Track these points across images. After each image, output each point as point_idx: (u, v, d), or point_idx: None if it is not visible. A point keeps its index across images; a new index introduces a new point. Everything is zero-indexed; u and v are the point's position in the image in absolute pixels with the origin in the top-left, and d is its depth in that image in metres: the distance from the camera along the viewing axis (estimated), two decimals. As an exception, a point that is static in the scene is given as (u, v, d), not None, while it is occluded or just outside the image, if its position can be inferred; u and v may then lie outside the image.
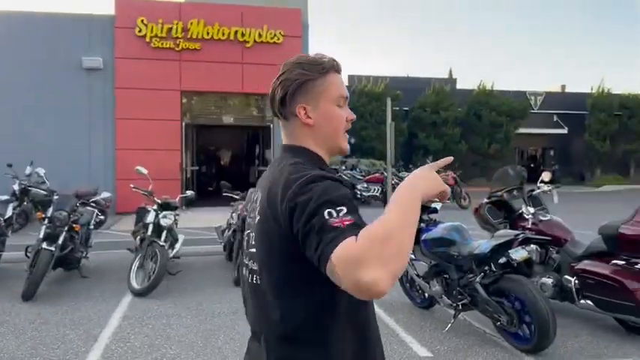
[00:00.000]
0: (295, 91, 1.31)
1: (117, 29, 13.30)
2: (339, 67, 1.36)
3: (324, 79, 1.32)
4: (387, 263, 0.94)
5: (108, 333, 4.59)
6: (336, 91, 1.33)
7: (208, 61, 13.68)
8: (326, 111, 1.32)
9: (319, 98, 1.31)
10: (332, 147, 1.35)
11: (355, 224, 1.03)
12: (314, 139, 1.33)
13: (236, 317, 5.05)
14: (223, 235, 7.51)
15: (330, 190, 1.09)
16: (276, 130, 14.52)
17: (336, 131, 1.34)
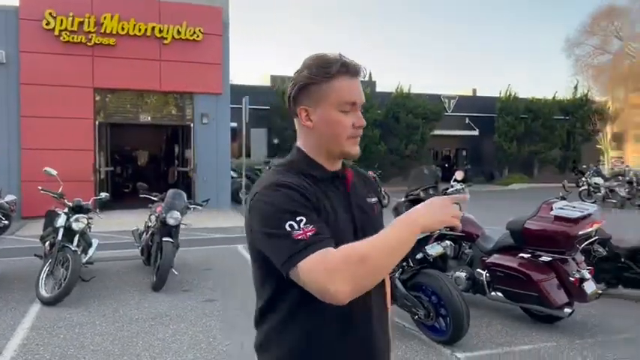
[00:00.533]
0: (298, 93, 1.34)
1: (22, 21, 12.42)
2: (352, 71, 1.33)
3: (329, 84, 1.31)
4: (356, 281, 1.12)
5: (14, 345, 4.28)
6: (340, 97, 1.32)
7: (124, 58, 13.12)
8: (326, 116, 1.33)
9: (320, 103, 1.33)
10: (333, 151, 1.37)
11: (317, 234, 1.17)
12: (312, 142, 1.38)
13: (155, 323, 4.89)
14: (141, 239, 7.24)
15: (285, 200, 1.22)
16: (197, 130, 14.19)
17: (337, 136, 1.34)
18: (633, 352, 4.23)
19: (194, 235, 9.33)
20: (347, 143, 1.35)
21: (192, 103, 14.33)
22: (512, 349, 4.27)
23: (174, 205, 6.47)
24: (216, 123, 14.21)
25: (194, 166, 14.30)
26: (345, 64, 1.31)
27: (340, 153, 1.38)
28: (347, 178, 1.43)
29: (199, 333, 4.63)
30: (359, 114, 1.36)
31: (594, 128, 28.24)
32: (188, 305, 5.48)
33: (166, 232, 6.24)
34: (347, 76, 1.31)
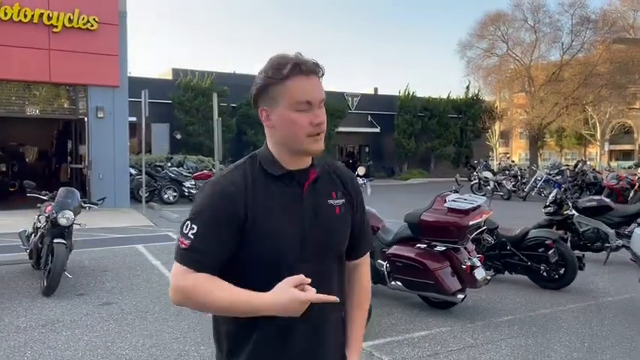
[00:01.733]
0: (258, 94, 1.39)
1: None
2: (306, 71, 1.34)
3: (283, 85, 1.34)
4: (183, 304, 1.36)
5: None
6: (294, 97, 1.34)
7: (7, 45, 12.05)
8: (283, 116, 1.36)
9: (277, 103, 1.36)
10: (295, 149, 1.40)
11: (187, 249, 1.33)
12: (274, 140, 1.43)
13: (47, 330, 4.56)
14: (29, 241, 6.70)
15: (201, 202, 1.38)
16: (91, 124, 13.39)
17: (295, 135, 1.37)
18: (516, 332, 4.62)
19: (90, 236, 8.82)
20: (306, 141, 1.37)
21: (85, 95, 13.50)
22: (412, 335, 4.49)
23: (66, 205, 6.06)
24: (113, 117, 13.49)
25: (89, 163, 13.48)
26: (297, 65, 1.33)
27: (301, 151, 1.40)
28: (308, 179, 1.42)
29: (96, 338, 4.39)
30: (316, 112, 1.37)
31: (484, 126, 30.38)
32: (83, 310, 5.17)
33: (58, 233, 5.84)
34: (301, 76, 1.34)
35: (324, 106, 1.40)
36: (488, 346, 4.26)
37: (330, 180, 1.48)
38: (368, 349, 4.14)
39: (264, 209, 1.36)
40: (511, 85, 29.61)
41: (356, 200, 1.52)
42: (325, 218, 1.43)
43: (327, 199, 1.45)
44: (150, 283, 6.19)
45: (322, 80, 1.39)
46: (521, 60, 28.62)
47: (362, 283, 1.58)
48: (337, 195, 1.47)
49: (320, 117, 1.38)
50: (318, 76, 1.38)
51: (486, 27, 29.22)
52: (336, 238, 1.47)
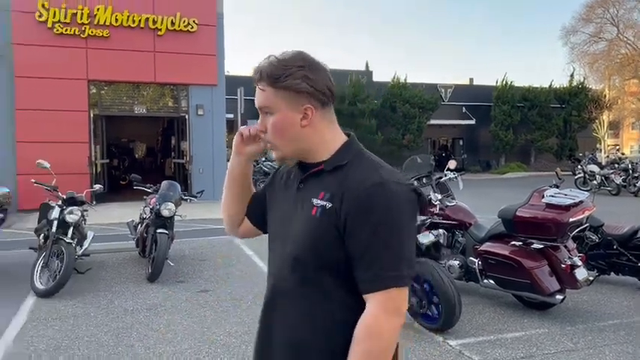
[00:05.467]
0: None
1: (14, 13, 12.35)
2: (256, 78, 1.34)
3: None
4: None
5: (9, 337, 4.30)
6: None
7: (118, 49, 13.06)
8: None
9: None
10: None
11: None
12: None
13: (150, 314, 4.91)
14: (136, 231, 7.25)
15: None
16: (192, 121, 14.17)
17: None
18: (622, 338, 4.27)
19: (190, 227, 9.35)
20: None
21: (187, 94, 14.30)
22: (504, 335, 4.31)
23: (168, 197, 6.47)
24: (211, 114, 14.19)
25: (190, 158, 14.28)
26: (255, 72, 1.35)
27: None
28: (307, 174, 1.36)
29: (194, 323, 4.66)
30: (261, 119, 1.38)
31: (590, 116, 28.25)
32: (183, 296, 5.50)
33: (161, 224, 6.26)
34: (257, 83, 1.35)
35: (267, 114, 1.35)
36: (589, 352, 3.98)
37: (330, 177, 1.30)
38: (457, 348, 4.03)
39: (274, 199, 1.50)
40: (622, 72, 27.29)
41: (346, 215, 1.23)
42: (297, 217, 1.33)
43: (312, 196, 1.30)
44: (244, 273, 6.45)
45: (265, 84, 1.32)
46: (634, 44, 26.24)
47: (363, 320, 1.22)
48: (325, 196, 1.28)
49: (260, 124, 1.39)
50: (257, 83, 1.35)
51: (593, 10, 27.14)
52: (293, 242, 1.31)
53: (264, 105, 1.33)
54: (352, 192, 1.23)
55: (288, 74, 1.28)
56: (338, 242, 1.24)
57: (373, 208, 1.21)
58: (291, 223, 1.34)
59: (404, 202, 1.24)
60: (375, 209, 1.20)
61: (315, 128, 1.34)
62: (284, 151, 1.35)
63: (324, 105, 1.33)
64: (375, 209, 1.20)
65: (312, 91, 1.30)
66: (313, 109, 1.31)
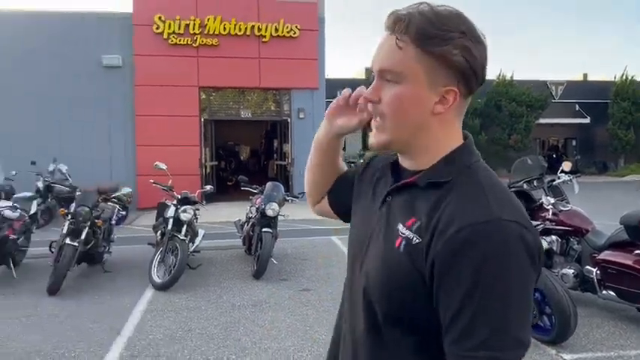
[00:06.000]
0: None
1: (135, 27, 13.44)
2: (395, 28, 0.96)
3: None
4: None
5: (130, 326, 4.67)
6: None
7: (226, 57, 13.74)
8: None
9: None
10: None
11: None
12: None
13: (256, 310, 5.10)
14: (242, 229, 7.57)
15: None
16: (294, 124, 14.56)
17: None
18: None
19: (292, 226, 9.60)
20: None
21: (289, 98, 14.71)
22: (627, 352, 3.95)
23: (272, 197, 6.69)
24: (312, 117, 14.47)
25: (292, 160, 14.68)
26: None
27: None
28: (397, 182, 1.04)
29: (296, 321, 4.77)
30: (375, 85, 1.01)
31: None
32: (286, 294, 5.66)
33: (266, 223, 6.48)
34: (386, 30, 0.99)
35: (389, 82, 0.97)
36: None
37: (424, 197, 0.96)
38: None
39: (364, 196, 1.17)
40: None
41: (433, 259, 0.89)
42: (377, 242, 1.02)
43: (400, 221, 0.98)
44: (343, 273, 6.47)
45: (408, 40, 0.93)
46: None
47: None
48: (414, 224, 0.94)
49: (370, 90, 1.01)
50: (393, 32, 0.95)
51: None
52: (366, 275, 1.01)
53: (393, 68, 0.95)
54: (445, 228, 0.88)
55: (447, 38, 0.92)
56: (422, 293, 0.91)
57: (471, 258, 0.84)
58: (368, 245, 1.04)
59: (517, 253, 0.85)
60: (473, 260, 0.84)
61: (445, 121, 0.99)
62: (393, 136, 1.00)
63: (469, 93, 0.98)
64: (473, 260, 0.84)
65: (467, 70, 0.94)
66: (457, 94, 0.96)
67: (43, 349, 4.13)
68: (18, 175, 9.17)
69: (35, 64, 12.91)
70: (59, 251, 5.78)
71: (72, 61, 13.09)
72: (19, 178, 9.16)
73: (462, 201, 0.91)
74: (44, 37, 13.03)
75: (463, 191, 0.93)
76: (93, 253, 6.39)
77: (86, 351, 4.11)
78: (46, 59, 12.95)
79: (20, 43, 12.85)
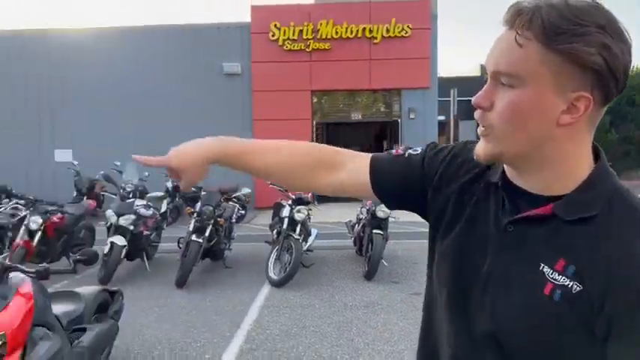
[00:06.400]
0: None
1: (253, 35, 14.13)
2: (517, 23, 0.81)
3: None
4: None
5: (249, 320, 4.92)
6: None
7: (337, 60, 13.98)
8: None
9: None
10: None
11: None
12: None
13: (368, 311, 5.13)
14: (353, 230, 7.65)
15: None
16: (404, 125, 14.42)
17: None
18: None
19: (403, 229, 9.50)
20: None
21: (399, 99, 14.60)
22: None
23: (383, 199, 6.68)
24: (423, 117, 14.24)
25: (402, 161, 14.54)
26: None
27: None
28: (527, 211, 0.87)
29: (409, 325, 4.72)
30: (487, 88, 0.86)
31: None
32: (398, 297, 5.62)
33: (376, 225, 6.50)
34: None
35: (504, 86, 0.82)
36: None
37: (571, 232, 0.82)
38: None
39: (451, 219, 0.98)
40: None
41: (611, 315, 0.76)
42: (514, 290, 0.85)
43: (541, 261, 0.83)
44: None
45: (532, 36, 0.78)
46: None
47: None
48: (568, 268, 0.81)
49: (477, 96, 0.86)
50: (512, 27, 0.81)
51: None
52: (495, 321, 0.86)
53: (510, 69, 0.81)
54: (619, 273, 0.76)
55: (581, 33, 0.76)
56: (584, 343, 0.79)
57: None
58: (486, 283, 0.89)
59: None
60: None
61: (573, 134, 0.83)
62: (506, 148, 0.85)
63: (606, 101, 0.81)
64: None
65: (605, 73, 0.77)
66: (591, 102, 0.80)
67: (172, 337, 4.49)
68: (150, 177, 10.04)
69: (162, 74, 14.05)
70: (186, 247, 6.24)
71: (195, 70, 14.07)
72: (151, 179, 10.02)
73: (628, 237, 0.78)
74: (170, 49, 14.15)
75: (621, 224, 0.80)
76: (215, 250, 6.83)
77: (210, 341, 4.41)
78: (172, 69, 14.05)
79: (149, 55, 14.08)
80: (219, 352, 4.18)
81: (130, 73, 13.97)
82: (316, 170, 1.13)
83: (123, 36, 14.29)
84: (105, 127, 13.81)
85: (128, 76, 13.97)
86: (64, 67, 14.02)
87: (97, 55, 14.04)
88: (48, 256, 6.37)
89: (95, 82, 13.93)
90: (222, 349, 4.23)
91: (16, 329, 2.45)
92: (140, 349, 4.25)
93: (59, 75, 14.03)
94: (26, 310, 2.56)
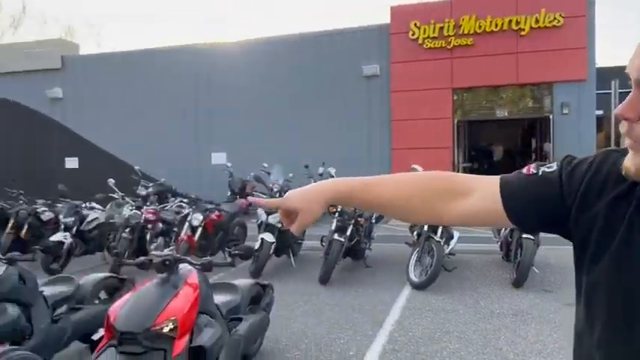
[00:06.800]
0: None
1: (392, 36, 14.12)
2: None
3: None
4: None
5: (391, 320, 4.93)
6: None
7: (480, 56, 13.39)
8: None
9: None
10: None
11: None
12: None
13: (517, 320, 4.85)
14: (499, 234, 7.27)
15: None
16: (556, 121, 13.36)
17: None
18: None
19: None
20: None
21: (550, 93, 13.55)
22: None
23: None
24: (578, 112, 13.07)
25: (553, 160, 13.47)
26: None
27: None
28: None
29: (563, 338, 4.36)
30: (633, 97, 0.79)
31: None
32: (551, 306, 5.23)
33: (526, 229, 6.11)
34: None
35: None
36: None
37: None
38: None
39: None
40: None
41: None
42: None
43: None
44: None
45: None
46: None
47: None
48: None
49: (620, 107, 0.79)
50: None
51: None
52: None
53: None
54: None
55: None
56: None
57: None
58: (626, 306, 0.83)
59: None
60: None
61: None
62: None
63: None
64: None
65: None
66: None
67: (317, 332, 4.66)
68: (294, 178, 10.52)
69: (303, 80, 14.63)
70: (329, 245, 6.44)
71: (335, 74, 14.44)
72: (295, 179, 10.49)
73: None
74: (310, 56, 14.67)
75: None
76: (356, 249, 6.95)
77: (353, 339, 4.49)
78: (313, 75, 14.57)
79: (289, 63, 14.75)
80: (363, 350, 4.24)
81: (272, 82, 14.77)
82: (440, 199, 1.05)
83: (265, 46, 15.13)
84: (253, 133, 14.77)
85: (271, 85, 14.78)
86: (216, 79, 15.26)
87: (243, 65, 15.10)
88: (207, 250, 7.00)
89: (243, 92, 14.97)
90: (365, 348, 4.29)
91: (185, 315, 2.72)
92: (288, 341, 4.48)
93: (213, 86, 15.31)
94: (193, 299, 2.83)
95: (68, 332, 3.75)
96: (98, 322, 3.60)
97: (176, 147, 15.48)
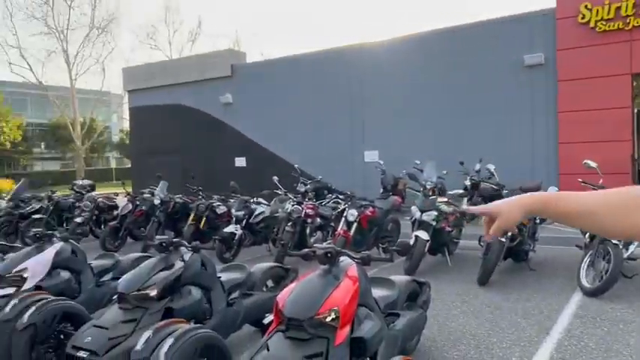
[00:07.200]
0: None
1: (558, 21, 13.00)
2: None
3: None
4: None
5: (559, 328, 4.56)
6: None
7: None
8: None
9: None
10: None
11: None
12: None
13: None
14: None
15: None
16: None
17: None
18: None
19: None
20: None
21: None
22: None
23: None
24: None
25: None
26: None
27: None
28: None
29: None
30: None
31: None
32: None
33: None
34: None
35: None
36: None
37: None
38: None
39: None
40: None
41: None
42: None
43: None
44: None
45: None
46: None
47: None
48: None
49: None
50: None
51: None
52: None
53: None
54: None
55: None
56: None
57: None
58: None
59: None
60: None
61: None
62: None
63: None
64: None
65: None
66: None
67: (477, 334, 4.50)
68: (448, 174, 10.24)
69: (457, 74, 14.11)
70: (488, 246, 6.16)
71: (493, 65, 13.71)
72: (449, 176, 10.22)
73: None
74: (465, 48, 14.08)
75: None
76: (519, 250, 6.55)
77: (516, 344, 4.25)
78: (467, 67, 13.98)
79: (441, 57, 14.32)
80: (528, 356, 4.00)
81: (425, 78, 14.53)
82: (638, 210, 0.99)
83: (417, 43, 14.91)
84: (405, 130, 14.68)
85: (424, 81, 14.54)
86: (369, 79, 15.45)
87: (393, 64, 15.06)
88: (362, 244, 7.15)
89: (395, 90, 14.95)
90: (530, 354, 4.03)
91: (346, 306, 2.83)
92: (446, 341, 4.39)
93: (366, 85, 15.54)
94: (354, 291, 2.93)
95: (241, 315, 4.12)
96: (267, 308, 3.90)
97: (331, 146, 16.04)
